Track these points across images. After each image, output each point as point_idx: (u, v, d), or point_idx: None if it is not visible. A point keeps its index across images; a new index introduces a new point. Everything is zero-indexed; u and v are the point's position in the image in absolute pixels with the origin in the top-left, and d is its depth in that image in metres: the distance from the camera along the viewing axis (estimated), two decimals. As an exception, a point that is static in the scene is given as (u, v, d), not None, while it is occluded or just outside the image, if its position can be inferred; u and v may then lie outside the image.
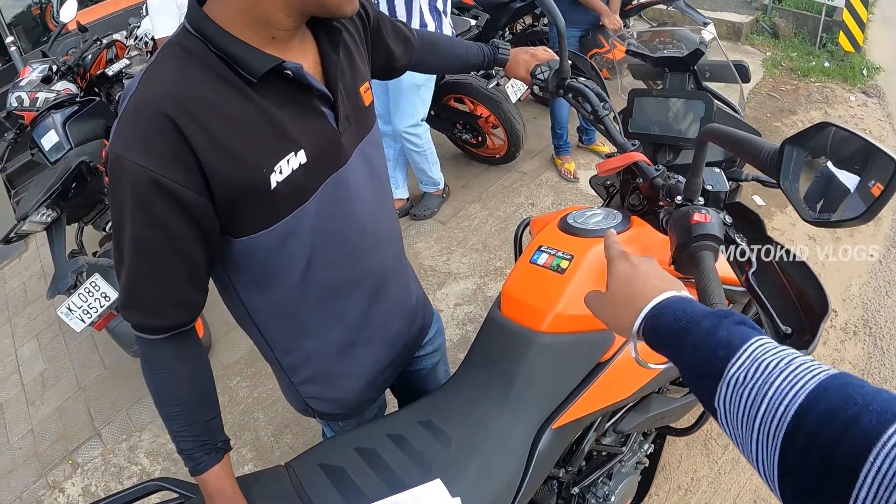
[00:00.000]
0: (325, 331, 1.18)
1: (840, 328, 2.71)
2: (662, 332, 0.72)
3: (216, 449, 1.05)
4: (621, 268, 0.84)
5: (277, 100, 0.94)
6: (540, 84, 1.50)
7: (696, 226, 1.00)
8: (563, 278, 1.16)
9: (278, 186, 0.95)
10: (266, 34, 0.91)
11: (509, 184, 3.93)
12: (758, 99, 4.70)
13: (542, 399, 1.17)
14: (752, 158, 0.92)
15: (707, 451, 2.26)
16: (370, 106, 1.14)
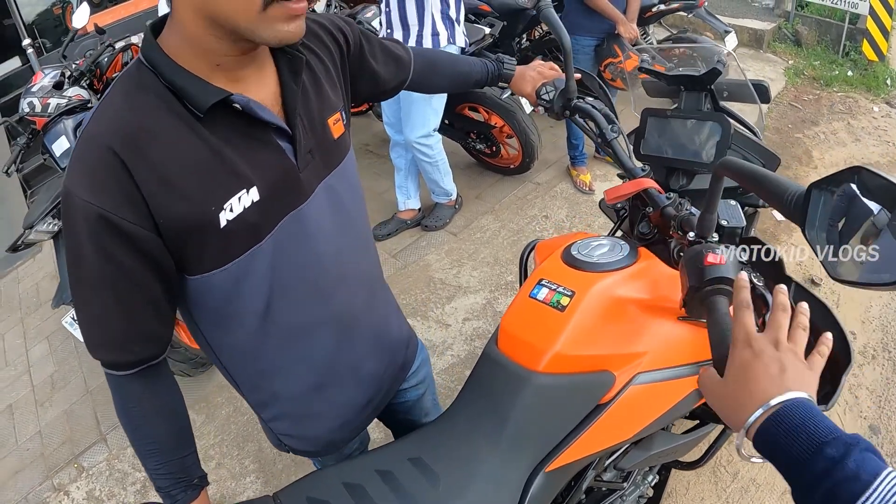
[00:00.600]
0: (290, 371, 1.14)
1: (858, 351, 2.63)
2: (780, 441, 0.66)
3: (192, 486, 1.05)
4: (742, 356, 0.77)
5: (228, 134, 0.90)
6: (545, 105, 1.46)
7: (709, 268, 0.94)
8: (563, 316, 1.11)
9: (229, 225, 0.91)
10: (209, 62, 0.87)
11: (523, 195, 3.88)
12: (779, 109, 4.61)
13: (537, 441, 1.12)
14: (774, 200, 0.85)
15: (716, 479, 2.19)
16: (340, 138, 1.08)
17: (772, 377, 0.72)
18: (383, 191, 4.08)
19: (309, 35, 1.06)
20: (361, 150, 4.69)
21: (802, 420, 0.65)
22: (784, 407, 0.68)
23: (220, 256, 0.94)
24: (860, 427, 2.31)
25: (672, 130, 1.52)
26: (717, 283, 0.93)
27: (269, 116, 0.92)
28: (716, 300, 0.92)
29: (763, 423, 0.68)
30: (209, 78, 0.87)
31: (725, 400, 0.77)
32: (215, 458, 2.58)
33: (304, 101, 0.99)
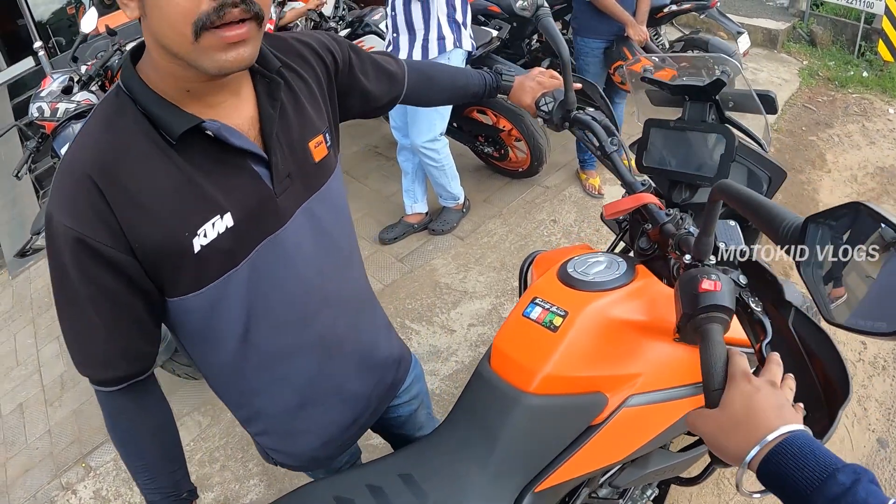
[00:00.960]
0: (272, 391, 1.16)
1: (868, 362, 2.58)
2: (788, 470, 0.66)
3: (181, 500, 1.08)
4: (742, 388, 0.77)
5: (202, 160, 0.91)
6: (544, 116, 1.43)
7: (703, 295, 0.91)
8: (555, 337, 1.10)
9: (203, 251, 0.92)
10: (180, 88, 0.88)
11: (532, 199, 3.86)
12: (793, 111, 4.54)
13: (526, 461, 1.11)
14: (769, 230, 0.82)
15: (718, 491, 2.17)
16: (323, 161, 1.08)
17: (772, 410, 0.73)
18: (391, 194, 4.08)
19: (293, 56, 1.06)
20: (370, 153, 4.69)
21: (810, 449, 0.66)
22: (789, 438, 0.68)
23: (195, 281, 0.95)
24: (868, 440, 2.27)
25: (675, 142, 1.50)
26: (712, 311, 0.90)
27: (243, 142, 0.93)
28: (710, 329, 0.89)
29: (767, 454, 0.68)
30: (183, 104, 0.88)
31: (722, 433, 0.76)
32: (220, 460, 2.59)
33: (283, 125, 0.99)
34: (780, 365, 0.82)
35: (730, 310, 0.91)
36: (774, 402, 0.74)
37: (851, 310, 0.74)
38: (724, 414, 0.77)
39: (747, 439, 0.71)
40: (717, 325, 0.90)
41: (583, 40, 3.41)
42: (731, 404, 0.77)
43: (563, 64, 1.36)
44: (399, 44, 3.00)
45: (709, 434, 0.78)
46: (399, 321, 3.11)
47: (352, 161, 4.60)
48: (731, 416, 0.75)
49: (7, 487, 2.70)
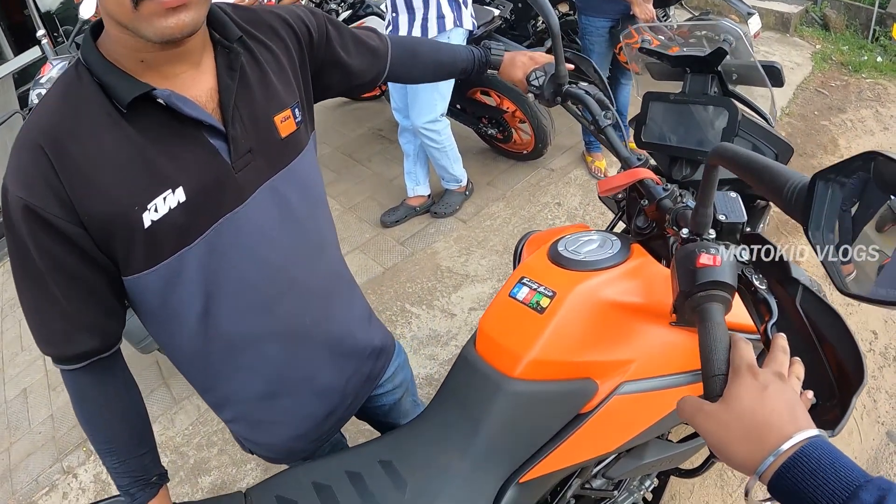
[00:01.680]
0: (239, 378, 1.12)
1: (879, 353, 2.50)
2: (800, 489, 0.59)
3: (150, 483, 1.06)
4: (748, 385, 0.68)
5: (154, 132, 0.88)
6: (535, 91, 1.37)
7: (701, 270, 0.84)
8: (542, 319, 1.04)
9: (154, 226, 0.89)
10: (135, 58, 0.86)
11: (536, 181, 3.79)
12: (805, 95, 4.44)
13: (510, 450, 1.06)
14: (773, 193, 0.74)
15: (722, 483, 2.11)
16: (291, 137, 1.03)
17: (785, 412, 0.65)
18: (394, 177, 4.03)
19: (263, 28, 1.03)
20: (374, 136, 4.64)
21: (830, 461, 0.58)
22: (805, 447, 0.61)
23: (147, 257, 0.92)
24: (878, 433, 2.20)
25: (675, 116, 1.43)
26: (711, 289, 0.83)
27: (197, 112, 0.89)
28: (709, 308, 0.82)
29: (781, 467, 0.61)
30: (139, 75, 0.86)
31: (727, 436, 0.67)
32: (218, 444, 2.58)
33: (244, 97, 0.96)
34: (787, 351, 0.73)
35: (731, 287, 0.84)
36: (786, 402, 0.65)
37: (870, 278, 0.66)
38: (728, 413, 0.68)
39: (759, 447, 0.63)
40: (716, 304, 0.82)
41: (587, 19, 3.32)
42: (737, 402, 0.68)
43: (552, 36, 1.30)
44: (398, 23, 2.94)
45: (711, 435, 0.69)
46: (399, 305, 3.08)
47: (355, 144, 4.56)
48: (738, 417, 0.66)
49: (10, 471, 2.72)
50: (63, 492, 2.54)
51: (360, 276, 3.34)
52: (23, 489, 2.59)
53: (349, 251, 3.52)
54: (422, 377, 2.68)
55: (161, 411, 2.76)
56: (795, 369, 0.72)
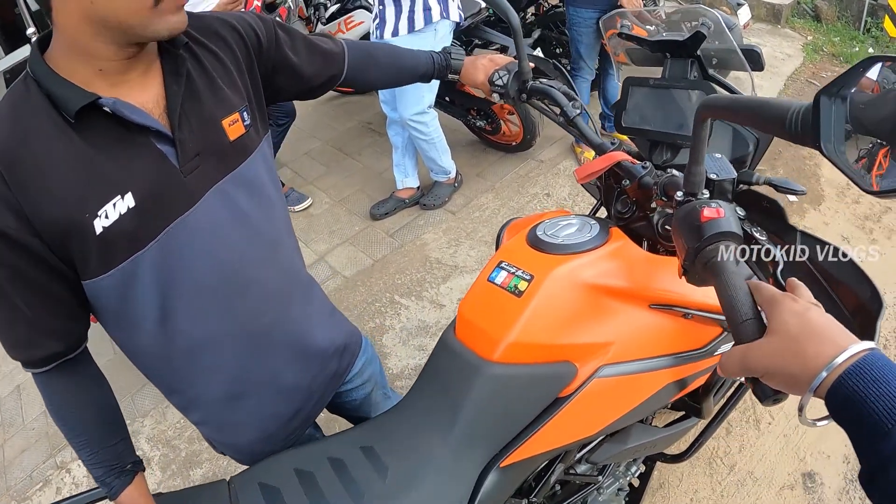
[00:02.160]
0: (202, 380, 1.13)
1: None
2: (860, 400, 0.55)
3: (125, 471, 1.07)
4: (791, 307, 0.66)
5: (102, 140, 0.89)
6: (500, 90, 1.37)
7: (708, 224, 0.82)
8: (520, 302, 1.04)
9: (105, 232, 0.90)
10: (93, 68, 0.87)
11: (525, 172, 3.79)
12: (796, 86, 4.44)
13: (491, 434, 1.06)
14: (774, 124, 0.72)
15: (711, 471, 2.11)
16: (240, 140, 1.04)
17: (833, 328, 0.63)
18: (383, 170, 4.02)
19: (209, 34, 1.04)
20: (364, 129, 4.63)
21: (893, 373, 0.56)
22: (867, 357, 0.58)
23: (102, 262, 0.93)
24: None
25: (655, 101, 1.42)
26: (720, 239, 0.82)
27: (143, 119, 0.90)
28: (721, 264, 0.80)
29: (839, 377, 0.58)
30: (88, 85, 0.87)
31: (781, 358, 0.64)
32: (208, 434, 2.57)
33: (191, 102, 0.97)
34: (807, 288, 0.72)
35: (739, 236, 0.83)
36: (832, 320, 0.63)
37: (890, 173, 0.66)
38: (777, 339, 0.65)
39: (814, 362, 0.60)
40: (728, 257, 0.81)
41: (575, 10, 3.32)
42: (784, 326, 0.65)
43: (514, 33, 1.31)
44: (385, 16, 2.92)
45: (763, 366, 0.66)
46: (388, 296, 3.07)
47: (345, 137, 4.55)
48: (788, 339, 0.64)
49: (5, 468, 2.70)
50: (57, 487, 2.53)
51: (349, 267, 3.33)
52: (17, 485, 2.58)
53: (339, 243, 3.52)
54: (411, 368, 2.67)
55: (152, 405, 2.75)
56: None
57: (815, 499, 1.99)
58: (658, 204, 1.08)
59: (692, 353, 1.15)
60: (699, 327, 1.14)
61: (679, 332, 1.12)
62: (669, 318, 1.10)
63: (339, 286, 3.21)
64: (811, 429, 2.11)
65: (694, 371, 1.18)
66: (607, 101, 3.72)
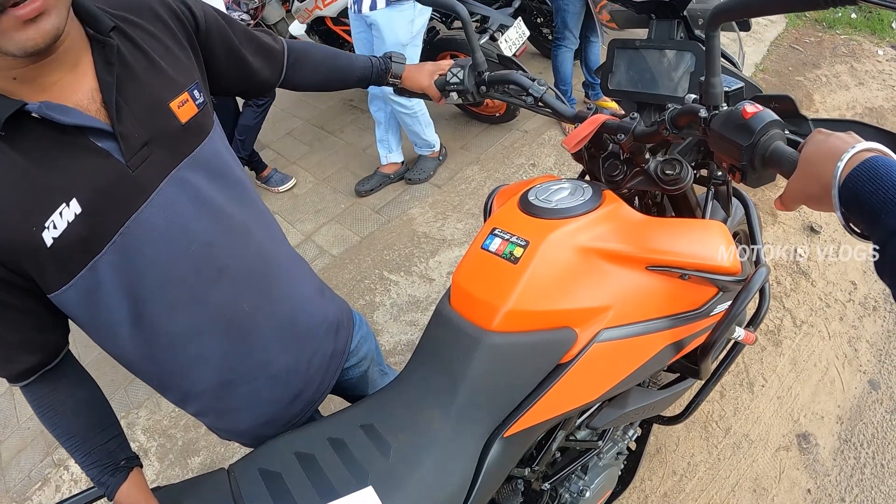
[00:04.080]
0: (191, 373, 1.09)
1: (859, 303, 2.53)
2: (865, 186, 0.64)
3: (120, 468, 1.06)
4: (815, 136, 0.75)
5: (36, 148, 0.83)
6: (457, 88, 1.34)
7: (753, 118, 0.82)
8: (516, 269, 1.02)
9: (56, 243, 0.85)
10: (6, 77, 0.80)
11: (510, 144, 3.76)
12: (779, 51, 4.43)
13: (492, 405, 1.04)
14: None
15: (707, 435, 2.13)
16: (193, 121, 0.98)
17: (847, 139, 0.70)
18: (367, 146, 3.99)
19: (142, 12, 0.97)
20: (345, 106, 4.58)
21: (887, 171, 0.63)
22: (872, 157, 0.65)
23: (60, 274, 0.89)
24: (860, 381, 2.23)
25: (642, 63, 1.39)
26: (771, 129, 0.83)
27: (75, 118, 0.84)
28: (778, 147, 0.82)
29: (852, 171, 0.66)
30: (14, 94, 0.81)
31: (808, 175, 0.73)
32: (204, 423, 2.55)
33: (134, 89, 0.90)
34: None
35: (783, 123, 0.84)
36: (849, 135, 0.71)
37: None
38: (804, 161, 0.74)
39: (826, 175, 0.69)
40: (780, 142, 0.83)
41: None
42: (804, 156, 0.74)
43: (463, 23, 1.28)
44: None
45: (799, 191, 0.75)
46: (377, 272, 3.06)
47: (326, 115, 4.49)
48: (810, 160, 0.73)
49: (2, 469, 2.67)
50: (56, 485, 2.51)
51: (337, 246, 3.31)
52: (16, 486, 2.56)
53: (325, 222, 3.48)
54: (403, 343, 2.67)
55: (146, 396, 2.73)
56: None
57: (810, 459, 2.01)
58: (670, 139, 1.05)
59: (689, 314, 1.14)
60: (696, 288, 1.13)
61: (676, 293, 1.11)
62: (666, 280, 1.08)
63: (328, 265, 3.18)
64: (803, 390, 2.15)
65: (691, 332, 1.17)
66: (590, 69, 3.69)
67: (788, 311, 2.51)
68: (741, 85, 0.95)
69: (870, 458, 1.99)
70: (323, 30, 4.10)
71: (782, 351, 2.36)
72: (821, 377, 2.25)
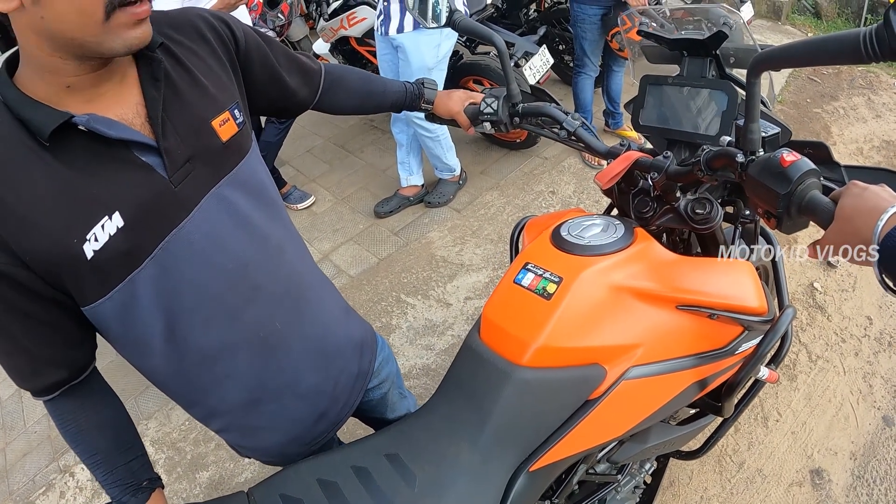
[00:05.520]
0: (219, 390, 1.09)
1: (874, 338, 2.51)
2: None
3: (141, 489, 1.05)
4: (852, 190, 0.78)
5: (81, 160, 0.84)
6: (491, 118, 1.36)
7: (791, 166, 0.84)
8: (549, 305, 1.03)
9: (97, 255, 0.86)
10: (59, 84, 0.82)
11: (530, 170, 3.77)
12: (797, 83, 4.44)
13: (520, 439, 1.05)
14: (845, 54, 0.73)
15: (720, 469, 2.12)
16: (232, 140, 0.99)
17: (886, 195, 0.74)
18: (386, 167, 4.01)
19: (187, 30, 0.99)
20: (366, 127, 4.61)
21: None
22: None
23: (98, 287, 0.90)
24: (874, 417, 2.21)
25: (673, 99, 1.41)
26: (807, 178, 0.84)
27: (121, 132, 0.85)
28: (814, 196, 0.83)
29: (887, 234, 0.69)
30: (60, 103, 0.82)
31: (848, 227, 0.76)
32: (214, 438, 2.55)
33: (177, 106, 0.92)
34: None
35: (819, 173, 0.86)
36: (886, 191, 0.75)
37: None
38: (841, 214, 0.77)
39: (871, 219, 0.72)
40: (816, 191, 0.85)
41: (580, 7, 3.30)
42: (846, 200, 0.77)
43: (500, 54, 1.29)
44: (390, 12, 2.90)
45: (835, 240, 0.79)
46: (394, 295, 3.06)
47: (347, 135, 4.53)
48: (850, 209, 0.76)
49: (7, 472, 2.68)
50: (60, 491, 2.51)
51: (354, 266, 3.32)
52: (20, 489, 2.56)
53: (343, 242, 3.50)
54: (418, 367, 2.67)
55: (157, 407, 2.74)
56: None
57: (823, 495, 1.99)
58: (704, 180, 1.06)
59: (715, 353, 1.14)
60: (722, 327, 1.14)
61: (703, 332, 1.12)
62: (695, 319, 1.09)
63: (345, 285, 3.19)
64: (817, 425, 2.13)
65: (716, 370, 1.17)
66: (611, 98, 3.71)
67: (804, 345, 2.50)
68: (777, 130, 0.96)
69: (882, 495, 1.97)
70: (347, 49, 4.13)
71: (797, 386, 2.34)
72: (835, 413, 2.24)
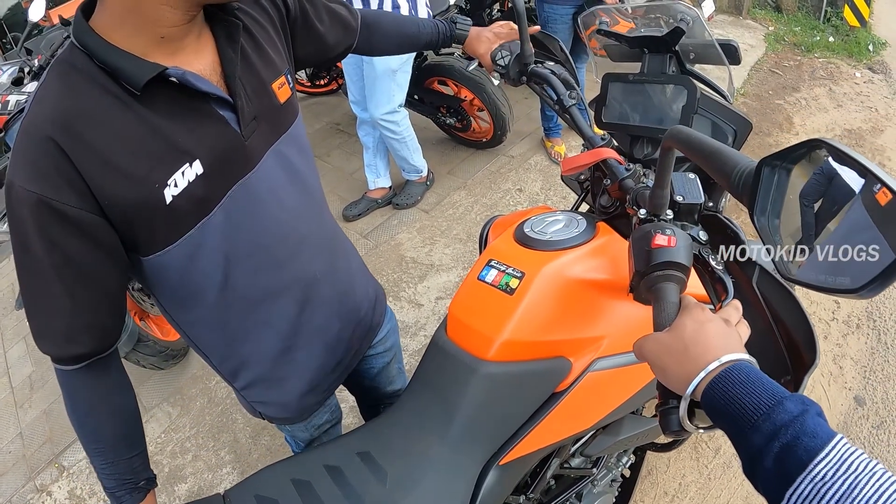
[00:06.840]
0: (256, 338, 1.14)
1: (842, 321, 2.58)
2: (730, 399, 0.62)
3: (138, 488, 1.05)
4: (694, 314, 0.73)
5: (167, 109, 0.88)
6: (500, 70, 1.39)
7: (656, 251, 0.83)
8: (512, 300, 1.04)
9: (175, 201, 0.90)
10: (153, 35, 0.85)
11: (496, 168, 3.80)
12: (759, 75, 4.53)
13: (488, 432, 1.06)
14: (721, 176, 0.75)
15: (696, 455, 2.15)
16: (287, 102, 1.07)
17: (721, 338, 0.68)
18: (354, 171, 4.00)
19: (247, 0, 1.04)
20: (332, 130, 4.60)
21: (757, 377, 0.62)
22: (736, 365, 0.64)
23: (170, 233, 0.93)
24: (845, 398, 2.26)
25: (635, 96, 1.43)
26: (666, 269, 0.83)
27: (208, 87, 0.90)
28: (663, 288, 0.82)
29: (712, 380, 0.64)
30: (145, 54, 0.85)
31: (668, 356, 0.71)
32: (191, 450, 2.53)
33: (245, 68, 0.98)
34: (739, 310, 0.77)
35: (685, 267, 0.83)
36: (724, 333, 0.69)
37: (811, 264, 0.66)
38: (671, 336, 0.72)
39: (694, 364, 0.67)
40: (671, 283, 0.82)
41: (550, 7, 3.26)
42: (681, 328, 0.72)
43: (517, 14, 1.31)
44: None
45: (654, 356, 0.73)
46: (366, 298, 3.05)
47: (313, 139, 4.51)
48: (679, 339, 0.70)
49: (-19, 494, 2.62)
50: (37, 510, 2.47)
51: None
52: (-4, 510, 2.52)
53: (313, 247, 3.48)
54: (393, 369, 2.66)
55: (138, 416, 2.70)
56: (741, 328, 0.76)
57: (796, 476, 2.04)
58: (630, 212, 1.08)
59: (680, 342, 1.16)
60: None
61: None
62: None
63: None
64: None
65: (682, 360, 1.19)
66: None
67: (773, 331, 2.55)
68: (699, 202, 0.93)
69: (856, 474, 2.01)
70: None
71: (769, 370, 2.39)
72: (808, 394, 2.28)
